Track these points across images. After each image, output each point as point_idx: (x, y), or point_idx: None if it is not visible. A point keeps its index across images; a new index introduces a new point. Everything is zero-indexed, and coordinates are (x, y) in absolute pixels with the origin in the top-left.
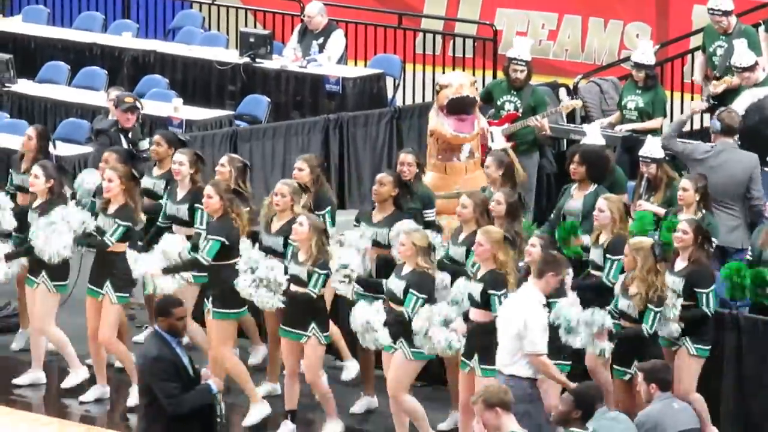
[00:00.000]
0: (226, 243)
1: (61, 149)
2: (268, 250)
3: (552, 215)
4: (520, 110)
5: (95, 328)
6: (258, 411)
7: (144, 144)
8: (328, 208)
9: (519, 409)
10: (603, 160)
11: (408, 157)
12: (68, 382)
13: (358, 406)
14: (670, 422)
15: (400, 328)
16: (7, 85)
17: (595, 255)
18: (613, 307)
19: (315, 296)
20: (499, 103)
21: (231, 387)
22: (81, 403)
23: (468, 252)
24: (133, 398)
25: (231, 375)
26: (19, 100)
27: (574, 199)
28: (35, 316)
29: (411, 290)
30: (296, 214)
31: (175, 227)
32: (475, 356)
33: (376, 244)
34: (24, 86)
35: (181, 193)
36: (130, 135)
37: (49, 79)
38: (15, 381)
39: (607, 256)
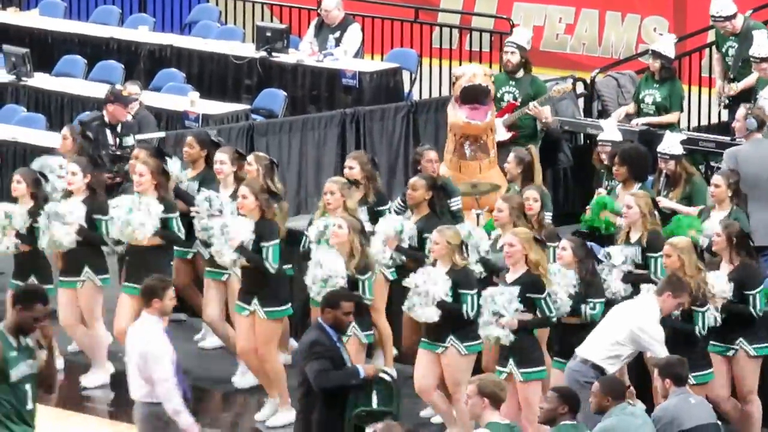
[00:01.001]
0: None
1: None
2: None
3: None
4: (519, 100)
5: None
6: (285, 416)
7: (128, 140)
8: (388, 205)
9: (585, 396)
10: (643, 158)
11: (431, 154)
12: (89, 381)
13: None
14: (687, 417)
15: (448, 325)
16: (23, 79)
17: (630, 252)
18: None
19: (369, 302)
20: (498, 94)
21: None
22: (269, 428)
23: None
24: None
25: (270, 374)
26: (35, 94)
27: (620, 200)
28: (87, 314)
29: (461, 289)
30: (350, 210)
31: None
32: (511, 360)
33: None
34: (41, 80)
35: (225, 193)
36: (118, 129)
37: (66, 73)
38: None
39: (649, 254)
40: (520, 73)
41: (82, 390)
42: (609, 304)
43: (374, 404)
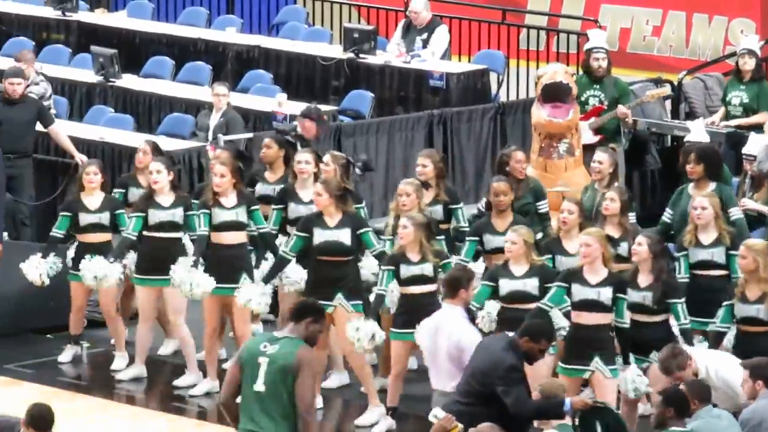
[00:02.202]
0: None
1: (165, 144)
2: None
3: (667, 216)
4: (605, 103)
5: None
6: (375, 413)
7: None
8: (462, 203)
9: None
10: (719, 158)
11: (518, 155)
12: (182, 381)
13: None
14: None
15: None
16: (111, 80)
17: (704, 254)
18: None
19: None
20: (583, 98)
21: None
22: (190, 396)
23: None
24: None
25: (356, 371)
26: (123, 95)
27: (693, 198)
28: (171, 312)
29: (552, 284)
30: (423, 211)
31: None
32: (596, 358)
33: (499, 251)
34: (128, 81)
35: (307, 195)
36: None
37: (154, 74)
38: (176, 383)
39: (731, 252)
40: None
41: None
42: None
43: None
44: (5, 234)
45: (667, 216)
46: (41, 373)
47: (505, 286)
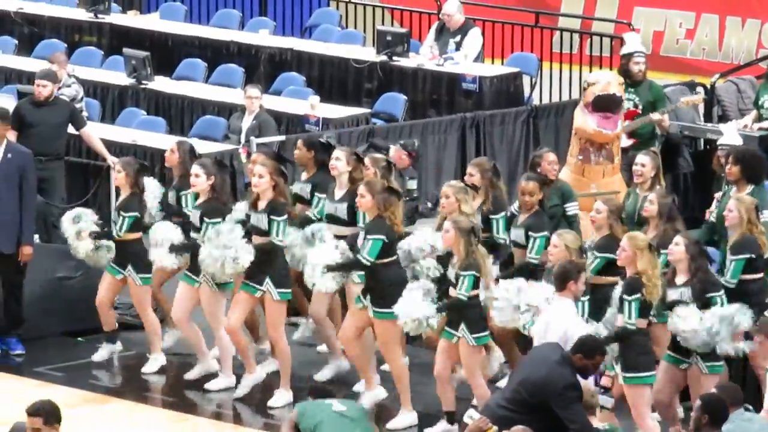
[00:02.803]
0: (386, 241)
1: (198, 147)
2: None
3: (713, 219)
4: (640, 107)
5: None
6: (407, 418)
7: (412, 183)
8: (503, 213)
9: None
10: (758, 160)
11: (550, 156)
12: (216, 385)
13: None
14: None
15: None
16: (144, 82)
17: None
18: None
19: (465, 299)
20: None
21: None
22: (205, 391)
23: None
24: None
25: (394, 377)
26: (156, 97)
27: None
28: (209, 316)
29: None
30: (467, 215)
31: (333, 227)
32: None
33: (517, 245)
34: (161, 83)
35: (339, 193)
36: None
37: (186, 77)
38: (207, 386)
39: (730, 256)
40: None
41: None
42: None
43: None
44: (36, 236)
45: (712, 217)
46: (72, 376)
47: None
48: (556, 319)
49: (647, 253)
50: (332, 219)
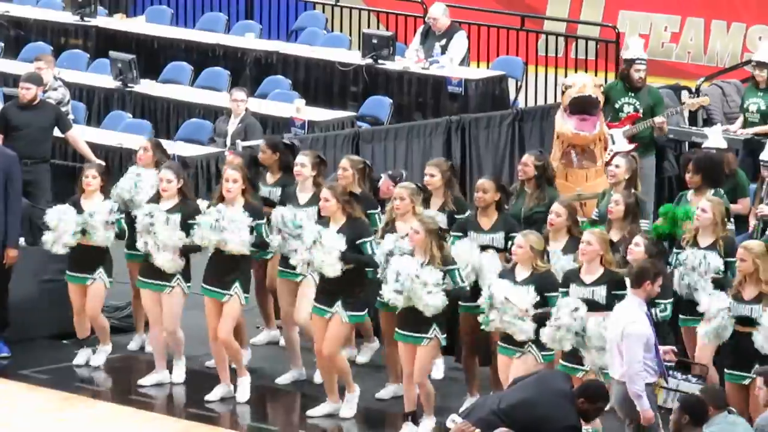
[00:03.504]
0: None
1: (184, 150)
2: (391, 255)
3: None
4: (640, 111)
5: (216, 329)
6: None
7: None
8: (469, 212)
9: None
10: (717, 165)
11: (524, 157)
12: (148, 380)
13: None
14: None
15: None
16: (130, 85)
17: (701, 256)
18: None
19: (464, 288)
20: (617, 105)
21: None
22: (206, 402)
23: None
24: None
25: (339, 372)
26: (142, 100)
27: (692, 205)
28: (169, 319)
29: (547, 293)
30: (418, 216)
31: None
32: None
33: (483, 249)
34: (147, 86)
35: (304, 197)
36: None
37: (172, 80)
38: (140, 382)
39: (728, 259)
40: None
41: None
42: (676, 304)
43: None
44: (22, 239)
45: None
46: (57, 379)
47: (499, 289)
48: (621, 314)
49: (610, 246)
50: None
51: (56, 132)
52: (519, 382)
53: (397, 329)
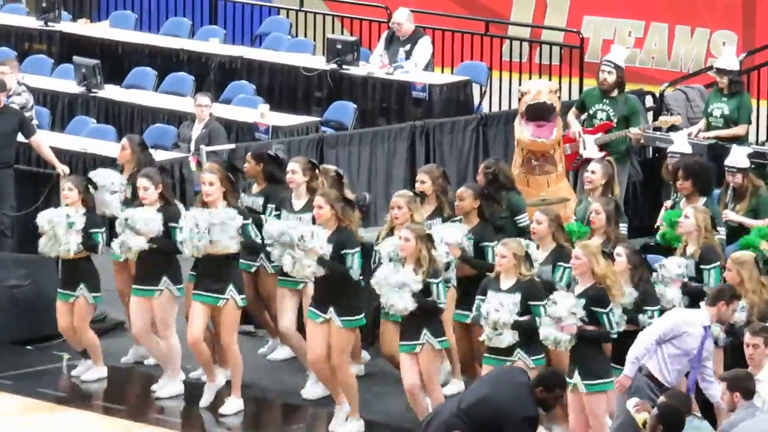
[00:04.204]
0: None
1: None
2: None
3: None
4: (614, 120)
5: (200, 332)
6: (355, 426)
7: None
8: (461, 218)
9: None
10: (707, 172)
11: (483, 163)
12: (163, 392)
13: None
14: (755, 430)
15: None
16: (94, 90)
17: (683, 263)
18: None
19: (444, 306)
20: (591, 111)
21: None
22: (220, 415)
23: (554, 268)
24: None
25: (342, 385)
26: (106, 106)
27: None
28: (161, 324)
29: (531, 302)
30: (417, 224)
31: None
32: (576, 372)
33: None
34: (111, 92)
35: (299, 203)
36: None
37: (136, 85)
38: (221, 410)
39: (702, 266)
40: (615, 92)
41: (155, 400)
42: (662, 312)
43: None
44: None
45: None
46: (20, 385)
47: (487, 300)
48: (678, 314)
49: (602, 258)
50: None
51: (20, 137)
52: (476, 381)
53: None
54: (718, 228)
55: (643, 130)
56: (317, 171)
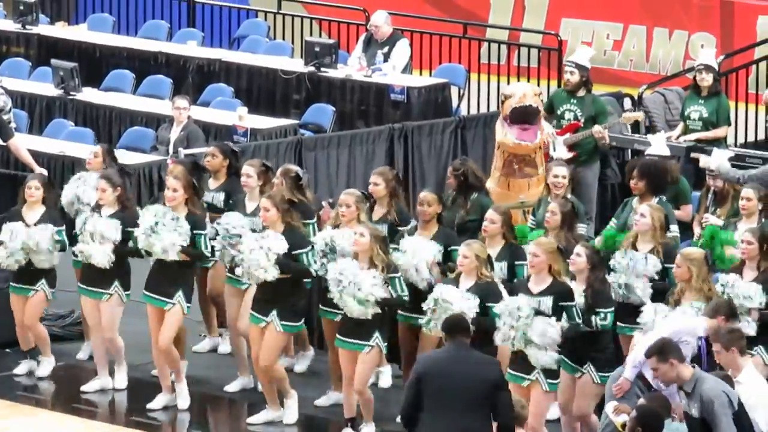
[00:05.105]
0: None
1: (126, 158)
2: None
3: (612, 228)
4: (581, 119)
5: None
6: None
7: None
8: (409, 225)
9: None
10: (662, 172)
11: (452, 165)
12: (91, 386)
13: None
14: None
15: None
16: (72, 93)
17: (641, 257)
18: None
19: (407, 299)
20: (559, 112)
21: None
22: (149, 411)
23: (509, 266)
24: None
25: (275, 382)
26: (84, 108)
27: (636, 212)
28: (107, 326)
29: (489, 303)
30: (362, 223)
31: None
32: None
33: None
34: (89, 94)
35: (251, 206)
36: None
37: (114, 88)
38: (83, 388)
39: (667, 265)
40: (582, 92)
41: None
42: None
43: None
44: None
45: (611, 227)
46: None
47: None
48: (681, 321)
49: (558, 255)
50: None
51: None
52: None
53: (338, 336)
54: (671, 226)
55: (605, 127)
56: (270, 174)
